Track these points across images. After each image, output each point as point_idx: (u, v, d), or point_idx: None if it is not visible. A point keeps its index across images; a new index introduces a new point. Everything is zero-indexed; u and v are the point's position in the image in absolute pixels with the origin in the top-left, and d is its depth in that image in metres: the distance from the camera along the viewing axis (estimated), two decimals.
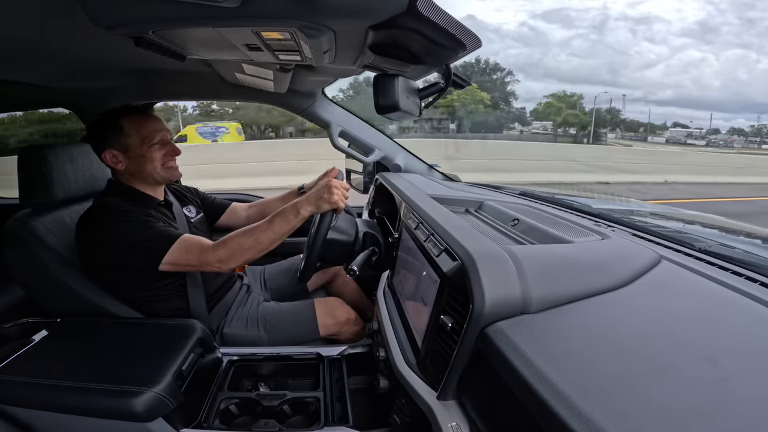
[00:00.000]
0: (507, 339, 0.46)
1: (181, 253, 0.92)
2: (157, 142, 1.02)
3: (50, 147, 1.02)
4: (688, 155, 13.83)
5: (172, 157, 1.06)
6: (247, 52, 0.75)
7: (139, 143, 1.00)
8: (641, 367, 0.40)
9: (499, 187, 1.45)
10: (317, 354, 1.08)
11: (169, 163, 1.05)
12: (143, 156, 1.01)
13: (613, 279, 0.58)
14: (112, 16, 0.59)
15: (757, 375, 0.39)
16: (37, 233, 0.98)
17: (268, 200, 1.37)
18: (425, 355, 0.63)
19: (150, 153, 1.01)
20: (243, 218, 1.33)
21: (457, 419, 0.54)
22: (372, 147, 1.53)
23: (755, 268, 0.64)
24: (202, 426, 0.86)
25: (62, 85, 1.25)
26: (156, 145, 1.02)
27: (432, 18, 0.56)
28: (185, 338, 0.93)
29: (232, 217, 1.33)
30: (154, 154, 1.02)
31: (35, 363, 0.85)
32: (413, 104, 0.77)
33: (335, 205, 0.94)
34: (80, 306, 1.01)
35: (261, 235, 0.93)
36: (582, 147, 20.89)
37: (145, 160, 1.01)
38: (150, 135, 1.01)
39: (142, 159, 1.01)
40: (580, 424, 0.33)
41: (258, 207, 1.35)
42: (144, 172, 1.03)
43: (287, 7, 0.54)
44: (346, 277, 1.39)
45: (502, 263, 0.54)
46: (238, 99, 1.52)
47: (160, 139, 1.03)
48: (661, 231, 0.87)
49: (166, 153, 1.04)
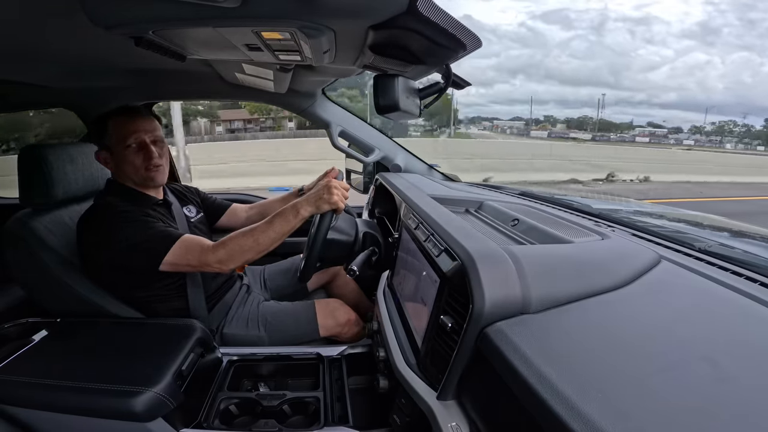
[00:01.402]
0: (507, 339, 0.46)
1: (182, 254, 0.92)
2: (132, 144, 0.98)
3: (50, 147, 1.02)
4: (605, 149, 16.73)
5: (149, 161, 1.00)
6: (247, 52, 0.75)
7: (117, 144, 0.99)
8: (641, 367, 0.40)
9: (499, 187, 1.45)
10: (317, 354, 1.08)
11: (147, 166, 1.00)
12: (123, 158, 0.99)
13: (613, 279, 0.58)
14: (112, 16, 0.59)
15: (757, 375, 0.39)
16: (37, 233, 0.98)
17: (269, 201, 1.37)
18: (425, 355, 0.63)
19: (126, 155, 0.99)
20: (243, 219, 1.33)
21: (457, 419, 0.54)
22: (372, 147, 1.53)
23: (755, 268, 0.64)
24: (202, 426, 0.86)
25: (63, 85, 1.25)
26: (131, 147, 0.99)
27: (432, 18, 0.56)
28: (185, 338, 0.93)
29: (232, 219, 1.33)
30: (130, 156, 0.99)
31: (35, 363, 0.85)
32: (413, 104, 0.77)
33: (335, 206, 0.94)
34: (80, 306, 1.01)
35: (261, 236, 0.93)
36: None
37: (124, 162, 0.99)
38: (126, 137, 0.98)
39: (123, 161, 1.00)
40: (580, 424, 0.33)
41: (258, 208, 1.35)
42: (125, 173, 1.01)
43: (287, 7, 0.54)
44: (346, 277, 1.39)
45: (502, 263, 0.54)
46: (238, 99, 1.53)
47: (136, 141, 0.99)
48: (661, 231, 0.87)
49: (144, 157, 1.00)
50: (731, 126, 61.19)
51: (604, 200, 1.61)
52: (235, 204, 1.36)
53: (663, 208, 1.45)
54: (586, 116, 54.01)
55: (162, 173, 1.04)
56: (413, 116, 0.80)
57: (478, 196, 1.14)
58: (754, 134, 58.65)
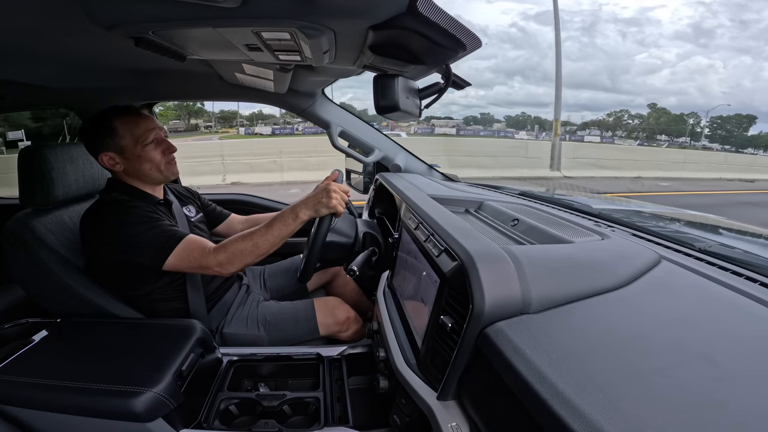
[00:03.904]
0: (507, 339, 0.46)
1: (185, 254, 0.92)
2: (152, 141, 1.01)
3: (50, 147, 1.02)
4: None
5: (170, 154, 1.05)
6: (247, 52, 0.75)
7: (134, 144, 0.99)
8: (641, 367, 0.40)
9: (499, 187, 1.45)
10: (317, 354, 1.08)
11: (168, 160, 1.04)
12: (139, 156, 1.00)
13: (613, 279, 0.58)
14: (112, 16, 0.59)
15: (757, 375, 0.39)
16: (37, 233, 0.98)
17: (264, 216, 1.36)
18: (425, 355, 0.63)
19: (146, 153, 1.00)
20: (238, 231, 1.32)
21: (457, 419, 0.54)
22: (372, 147, 1.53)
23: (755, 268, 0.64)
24: (202, 426, 0.86)
25: (62, 85, 1.25)
26: (151, 144, 1.01)
27: (432, 18, 0.56)
28: (185, 338, 0.93)
29: (229, 230, 1.33)
30: (150, 153, 1.01)
31: (35, 363, 0.85)
32: (413, 104, 0.77)
33: (333, 210, 0.94)
34: (80, 306, 1.01)
35: (260, 240, 0.93)
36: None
37: (141, 160, 1.01)
38: (144, 135, 1.00)
39: (139, 159, 1.00)
40: (580, 424, 0.33)
41: (251, 224, 1.33)
42: (142, 172, 1.02)
43: (287, 7, 0.54)
44: (346, 277, 1.39)
45: (502, 263, 0.54)
46: (239, 99, 1.53)
47: (154, 138, 1.02)
48: (661, 231, 0.87)
49: (162, 151, 1.03)
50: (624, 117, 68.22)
51: (604, 200, 1.61)
52: (233, 215, 1.37)
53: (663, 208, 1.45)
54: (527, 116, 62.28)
55: (176, 167, 1.08)
56: (413, 116, 0.80)
57: (478, 196, 1.14)
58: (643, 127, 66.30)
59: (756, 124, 68.99)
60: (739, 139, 64.18)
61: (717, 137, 65.12)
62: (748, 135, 66.37)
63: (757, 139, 65.96)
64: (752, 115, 69.64)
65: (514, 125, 66.33)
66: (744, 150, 56.39)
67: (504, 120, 72.09)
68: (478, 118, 71.60)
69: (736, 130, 66.38)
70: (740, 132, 66.23)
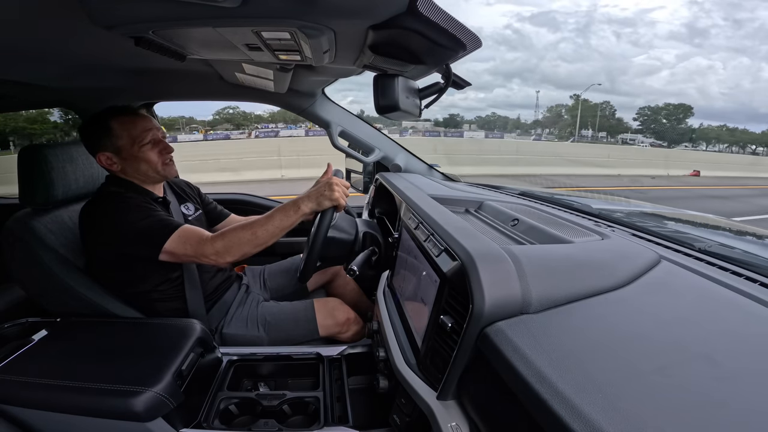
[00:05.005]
0: (507, 339, 0.46)
1: (180, 243, 0.92)
2: (149, 141, 1.01)
3: (50, 146, 1.02)
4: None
5: (167, 154, 1.05)
6: (247, 52, 0.75)
7: (131, 144, 0.99)
8: (641, 367, 0.40)
9: (499, 187, 1.45)
10: (317, 354, 1.08)
11: (165, 161, 1.04)
12: (136, 157, 1.00)
13: (613, 279, 0.58)
14: (112, 15, 0.59)
15: (757, 374, 0.39)
16: (37, 233, 0.98)
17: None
18: (425, 355, 0.63)
19: (143, 153, 1.00)
20: None
21: (457, 419, 0.54)
22: (372, 147, 1.54)
23: (755, 268, 0.64)
24: (201, 426, 0.86)
25: (62, 85, 1.25)
26: (148, 144, 1.01)
27: (432, 18, 0.56)
28: (185, 338, 0.93)
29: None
30: (147, 154, 1.01)
31: (35, 363, 0.85)
32: (413, 104, 0.77)
33: (336, 202, 0.94)
34: (80, 306, 1.01)
35: (259, 230, 0.93)
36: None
37: (138, 160, 1.01)
38: (141, 135, 1.00)
39: (136, 160, 1.01)
40: (580, 424, 0.33)
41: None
42: (139, 171, 1.02)
43: (287, 7, 0.54)
44: (346, 277, 1.39)
45: (502, 263, 0.54)
46: (239, 99, 1.53)
47: (152, 138, 1.02)
48: (660, 231, 0.87)
49: (159, 151, 1.03)
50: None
51: (604, 200, 1.61)
52: (233, 215, 1.37)
53: (663, 208, 1.45)
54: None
55: (174, 166, 1.08)
56: (413, 116, 0.80)
57: (478, 196, 1.14)
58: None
59: (692, 115, 60.81)
60: (671, 132, 57.71)
61: (650, 130, 59.21)
62: (686, 127, 59.72)
63: (693, 132, 59.59)
64: (687, 105, 61.61)
65: (483, 126, 68.53)
66: (677, 145, 51.31)
67: (475, 120, 75.64)
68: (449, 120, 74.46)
69: (666, 121, 59.12)
70: (673, 123, 59.01)
